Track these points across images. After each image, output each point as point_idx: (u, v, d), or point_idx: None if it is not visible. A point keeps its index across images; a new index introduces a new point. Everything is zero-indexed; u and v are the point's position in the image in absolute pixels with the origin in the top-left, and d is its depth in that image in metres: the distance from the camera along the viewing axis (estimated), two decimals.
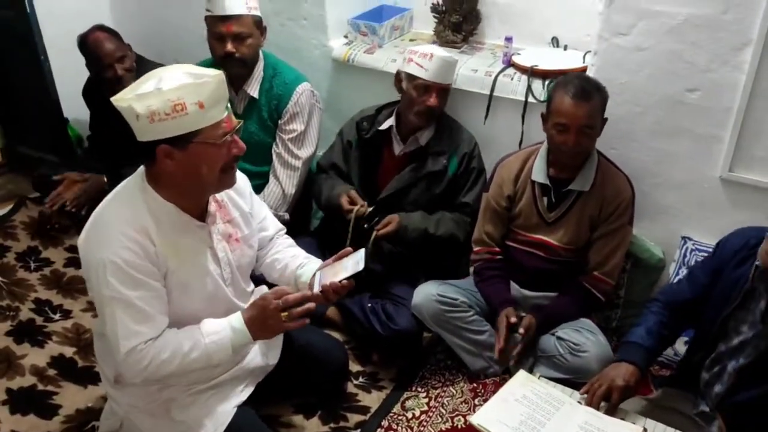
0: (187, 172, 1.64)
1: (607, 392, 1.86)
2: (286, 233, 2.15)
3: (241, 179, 1.89)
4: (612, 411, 1.83)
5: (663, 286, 2.38)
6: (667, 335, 1.98)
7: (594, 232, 2.32)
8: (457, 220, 2.54)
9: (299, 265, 1.98)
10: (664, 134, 2.37)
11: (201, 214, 1.77)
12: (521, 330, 2.24)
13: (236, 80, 2.63)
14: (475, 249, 2.48)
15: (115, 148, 2.22)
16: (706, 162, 2.34)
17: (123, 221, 1.65)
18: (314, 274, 1.89)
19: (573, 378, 2.16)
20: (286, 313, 1.73)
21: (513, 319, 2.25)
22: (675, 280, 2.41)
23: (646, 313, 2.01)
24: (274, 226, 2.07)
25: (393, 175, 2.56)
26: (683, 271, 2.42)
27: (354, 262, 1.80)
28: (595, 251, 2.32)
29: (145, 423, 1.86)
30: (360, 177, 2.63)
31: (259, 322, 1.75)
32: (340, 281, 1.79)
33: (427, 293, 2.38)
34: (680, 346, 2.30)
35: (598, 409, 1.84)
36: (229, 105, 1.67)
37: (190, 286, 1.74)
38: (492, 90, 2.64)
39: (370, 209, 2.48)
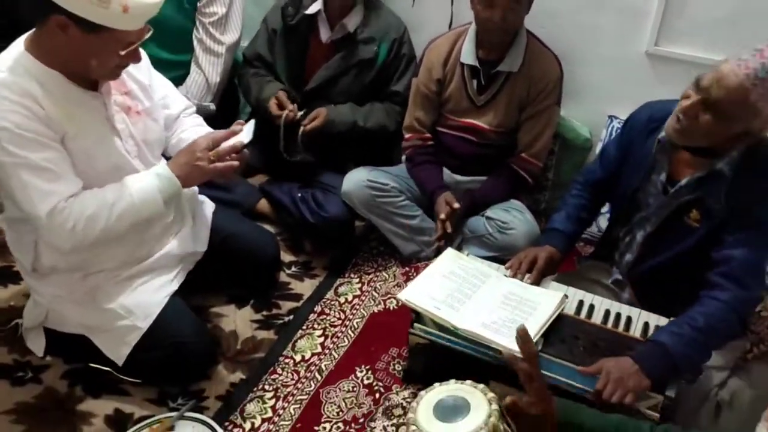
0: (75, 54, 1.56)
1: (531, 264, 1.91)
2: (212, 125, 2.06)
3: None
4: (536, 280, 1.89)
5: (583, 168, 2.42)
6: (586, 217, 2.04)
7: (522, 114, 2.31)
8: (387, 110, 2.49)
9: None
10: (590, 8, 2.35)
11: (92, 84, 1.68)
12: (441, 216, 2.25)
13: None
14: (406, 136, 2.46)
15: None
16: (632, 37, 2.34)
17: (2, 87, 1.54)
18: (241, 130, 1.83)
19: (501, 255, 2.21)
20: (213, 152, 1.69)
21: (456, 205, 2.25)
22: None
23: (567, 196, 2.06)
24: (178, 104, 1.99)
25: (321, 65, 2.47)
26: None
27: (245, 134, 1.76)
28: (524, 132, 2.33)
29: (72, 312, 1.82)
30: (286, 68, 2.53)
31: (187, 166, 1.70)
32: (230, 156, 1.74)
33: (357, 179, 2.36)
34: (604, 221, 2.37)
35: (522, 279, 1.89)
36: None
37: (92, 155, 1.67)
38: None
39: (301, 113, 2.39)
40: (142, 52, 1.79)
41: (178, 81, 2.54)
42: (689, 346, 1.61)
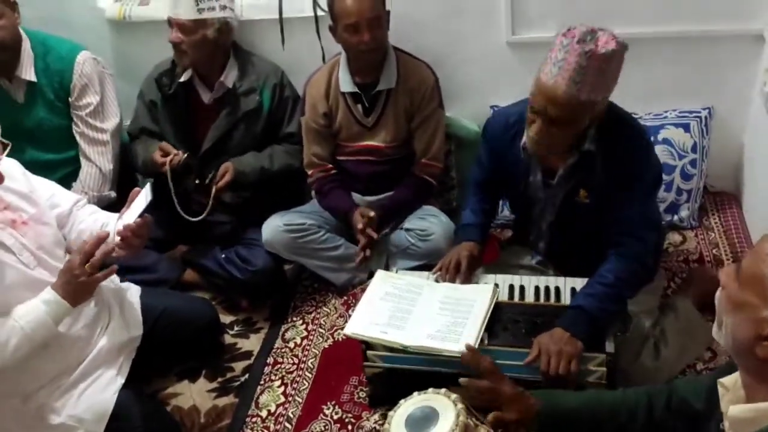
0: None
1: (456, 267, 2.00)
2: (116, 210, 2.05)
3: (6, 163, 1.75)
4: (466, 279, 1.98)
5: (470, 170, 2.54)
6: (488, 208, 2.17)
7: (411, 124, 2.43)
8: (288, 151, 2.54)
9: (102, 225, 1.91)
10: (449, 15, 2.51)
11: None
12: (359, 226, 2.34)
13: (4, 68, 2.38)
14: (309, 172, 2.52)
15: None
16: (491, 32, 2.52)
17: None
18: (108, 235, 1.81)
19: (427, 262, 2.30)
20: (88, 265, 1.69)
21: (372, 214, 2.33)
22: None
23: (467, 196, 2.20)
24: (67, 199, 1.97)
25: (209, 125, 2.49)
26: None
27: (143, 197, 1.77)
28: (418, 140, 2.44)
29: None
30: (175, 134, 2.53)
31: (69, 285, 1.70)
32: (134, 221, 1.75)
33: (273, 226, 2.41)
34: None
35: (453, 281, 1.98)
36: None
37: None
38: (280, 13, 2.61)
39: (185, 156, 2.39)
40: (11, 162, 1.78)
41: (69, 177, 2.52)
42: (603, 301, 1.75)
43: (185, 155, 2.38)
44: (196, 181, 2.45)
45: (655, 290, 2.06)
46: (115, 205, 2.31)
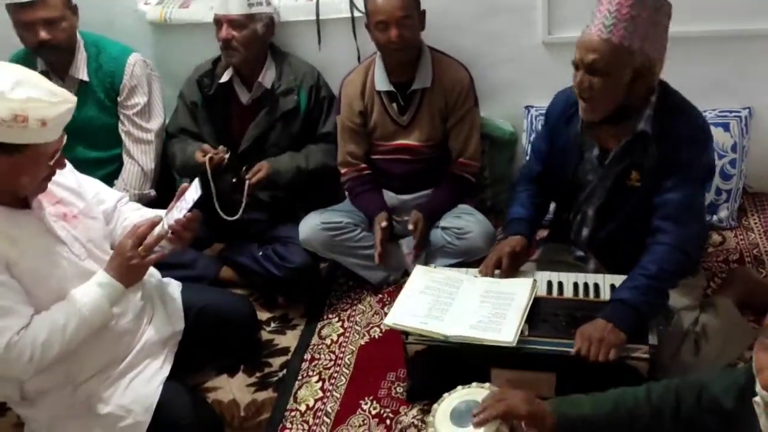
0: (4, 177, 1.58)
1: (498, 261, 2.00)
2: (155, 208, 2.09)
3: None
4: (505, 275, 1.98)
5: (520, 168, 2.54)
6: (540, 202, 2.15)
7: (447, 123, 2.44)
8: (324, 150, 2.57)
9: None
10: (485, 15, 2.52)
11: (21, 203, 1.69)
12: (410, 226, 2.37)
13: (59, 67, 2.47)
14: (343, 171, 2.54)
15: None
16: (527, 32, 2.53)
17: None
18: (162, 220, 1.84)
19: (465, 260, 2.32)
20: (141, 248, 1.72)
21: (384, 224, 2.37)
22: (528, 150, 2.60)
23: (514, 194, 2.17)
24: (111, 197, 2.01)
25: (247, 125, 2.53)
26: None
27: (192, 191, 1.78)
28: (454, 139, 2.46)
29: (73, 428, 1.81)
30: (214, 135, 2.57)
31: (122, 267, 1.73)
32: (183, 216, 1.77)
33: (311, 224, 2.43)
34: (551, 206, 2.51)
35: (492, 276, 1.99)
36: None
37: (40, 271, 1.68)
38: (317, 14, 2.65)
39: (227, 155, 2.42)
40: None
41: (113, 175, 2.57)
42: (647, 294, 1.74)
43: (226, 153, 2.42)
44: (233, 180, 2.49)
45: (696, 288, 2.04)
46: (153, 204, 2.35)
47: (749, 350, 1.99)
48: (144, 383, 1.86)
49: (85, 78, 2.50)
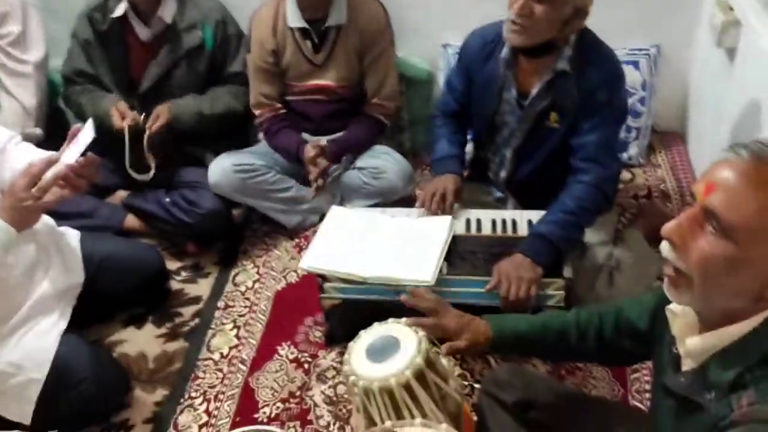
0: None
1: (442, 197, 1.93)
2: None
3: None
4: (449, 212, 1.92)
5: (437, 103, 2.50)
6: (462, 139, 2.11)
7: (362, 63, 2.35)
8: (232, 92, 2.43)
9: None
10: None
11: None
12: (311, 153, 2.29)
13: None
14: (257, 112, 2.43)
15: None
16: None
17: None
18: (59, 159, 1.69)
19: (382, 201, 2.27)
20: (36, 188, 1.57)
21: (323, 142, 2.30)
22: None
23: (435, 130, 2.11)
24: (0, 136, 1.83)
25: (148, 64, 2.36)
26: None
27: (86, 133, 1.63)
28: (369, 79, 2.37)
29: None
30: (112, 75, 2.39)
31: (14, 210, 1.58)
32: (76, 161, 1.60)
33: (222, 167, 2.32)
34: (469, 145, 2.48)
35: (439, 213, 1.91)
36: None
37: None
38: None
39: (142, 116, 2.28)
40: None
41: None
42: (565, 228, 1.75)
43: (142, 117, 2.26)
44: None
45: (609, 224, 2.07)
46: (43, 144, 2.16)
47: (659, 280, 2.07)
48: (37, 338, 1.73)
49: None
